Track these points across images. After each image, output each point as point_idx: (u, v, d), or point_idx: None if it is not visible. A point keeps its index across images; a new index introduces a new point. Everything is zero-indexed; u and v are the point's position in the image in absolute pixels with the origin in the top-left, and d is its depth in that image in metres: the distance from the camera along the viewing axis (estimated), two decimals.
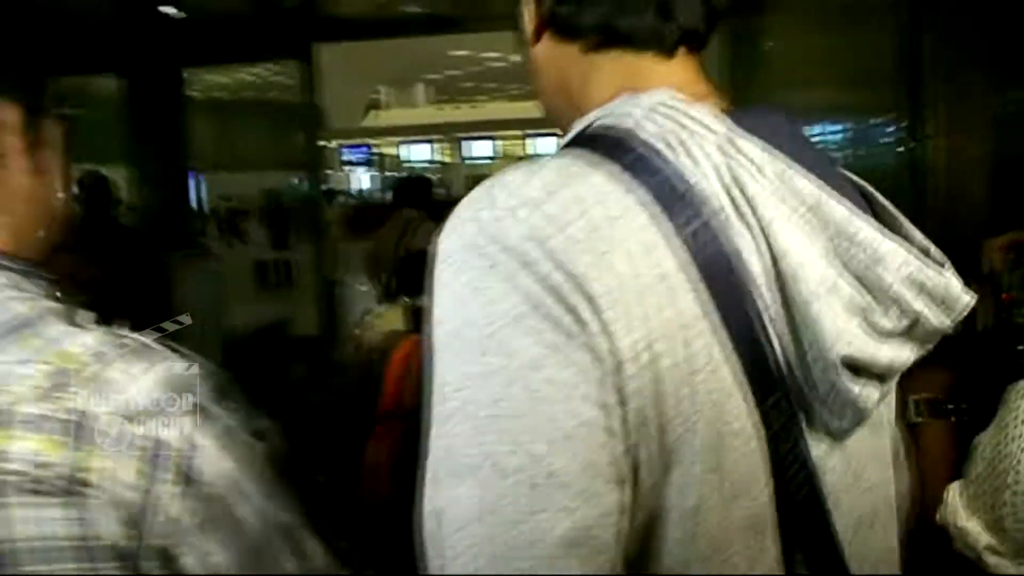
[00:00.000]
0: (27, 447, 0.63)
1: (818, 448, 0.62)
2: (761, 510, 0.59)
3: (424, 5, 4.98)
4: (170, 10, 4.55)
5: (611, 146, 0.60)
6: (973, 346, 1.10)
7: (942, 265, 0.62)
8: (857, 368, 0.59)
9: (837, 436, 0.63)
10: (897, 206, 0.69)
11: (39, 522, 0.63)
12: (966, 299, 0.61)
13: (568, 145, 0.64)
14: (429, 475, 0.55)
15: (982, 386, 1.04)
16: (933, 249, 0.64)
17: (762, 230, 0.58)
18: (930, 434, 1.12)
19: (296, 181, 5.74)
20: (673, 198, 0.57)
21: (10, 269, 0.73)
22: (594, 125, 0.63)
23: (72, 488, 0.64)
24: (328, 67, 5.42)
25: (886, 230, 0.59)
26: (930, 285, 0.59)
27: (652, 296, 0.55)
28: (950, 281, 0.61)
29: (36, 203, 0.78)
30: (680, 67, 0.68)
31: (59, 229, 0.82)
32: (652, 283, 0.55)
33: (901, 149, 2.70)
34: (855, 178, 0.69)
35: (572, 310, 0.53)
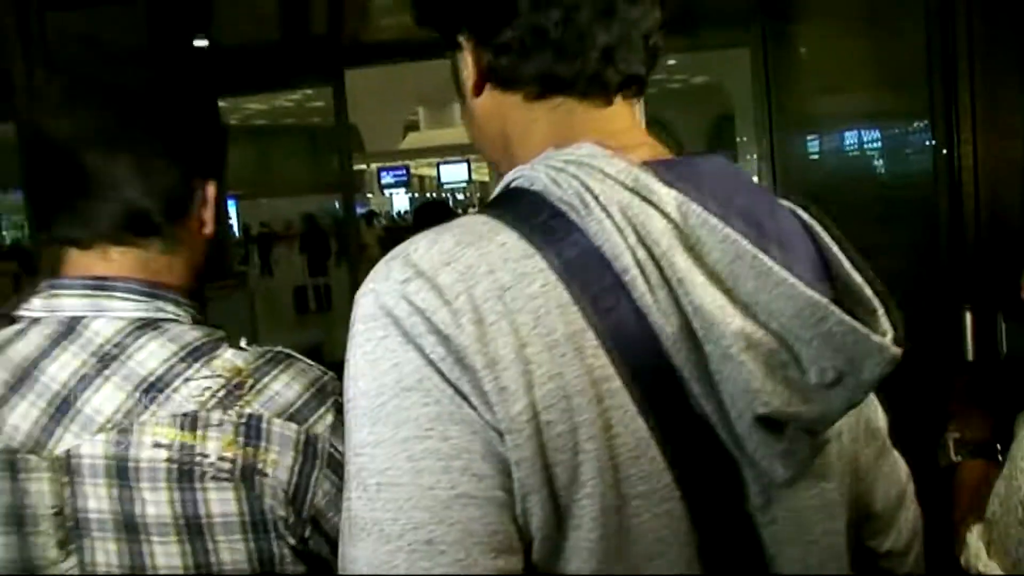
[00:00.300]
0: (215, 446, 0.79)
1: (756, 501, 0.62)
2: (684, 569, 0.59)
3: None
4: (202, 42, 4.65)
5: (520, 208, 0.60)
6: (1008, 380, 1.03)
7: (875, 312, 0.60)
8: (781, 424, 0.57)
9: (777, 488, 0.62)
10: (934, 213, 0.64)
11: (224, 502, 0.79)
12: (893, 352, 0.58)
13: (488, 204, 0.65)
14: (342, 531, 0.58)
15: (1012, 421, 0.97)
16: (868, 294, 0.61)
17: (673, 288, 0.56)
18: (966, 474, 1.05)
19: (335, 205, 5.80)
20: (578, 261, 0.57)
21: (182, 303, 0.88)
22: (512, 184, 0.64)
23: (247, 476, 0.79)
24: (363, 91, 5.48)
25: (807, 280, 0.57)
26: (852, 339, 0.56)
27: (541, 365, 0.55)
28: (876, 334, 0.58)
29: (203, 249, 0.94)
30: (616, 114, 0.68)
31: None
32: (541, 352, 0.55)
33: (944, 151, 2.60)
34: (802, 215, 0.66)
35: (455, 383, 0.55)
